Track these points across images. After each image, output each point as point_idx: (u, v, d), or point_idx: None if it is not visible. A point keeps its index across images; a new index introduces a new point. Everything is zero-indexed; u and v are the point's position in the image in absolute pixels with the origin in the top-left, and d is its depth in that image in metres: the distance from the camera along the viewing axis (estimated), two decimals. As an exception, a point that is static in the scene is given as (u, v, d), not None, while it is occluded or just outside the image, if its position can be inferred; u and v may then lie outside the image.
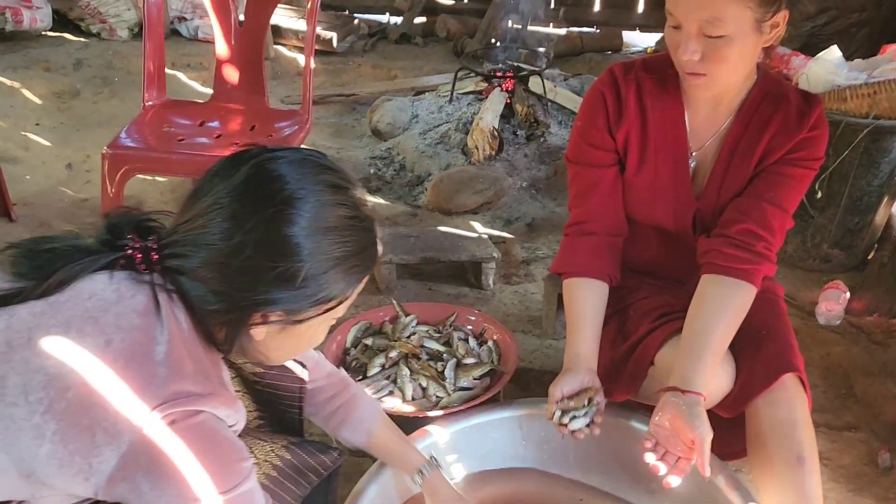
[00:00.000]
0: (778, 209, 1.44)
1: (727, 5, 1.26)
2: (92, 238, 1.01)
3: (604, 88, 1.51)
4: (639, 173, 1.52)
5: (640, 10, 4.91)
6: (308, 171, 0.98)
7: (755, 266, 1.41)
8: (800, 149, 1.43)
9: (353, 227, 1.00)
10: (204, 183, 0.99)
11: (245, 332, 0.99)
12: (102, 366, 0.89)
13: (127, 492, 0.89)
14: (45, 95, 3.94)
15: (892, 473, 1.79)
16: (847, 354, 2.21)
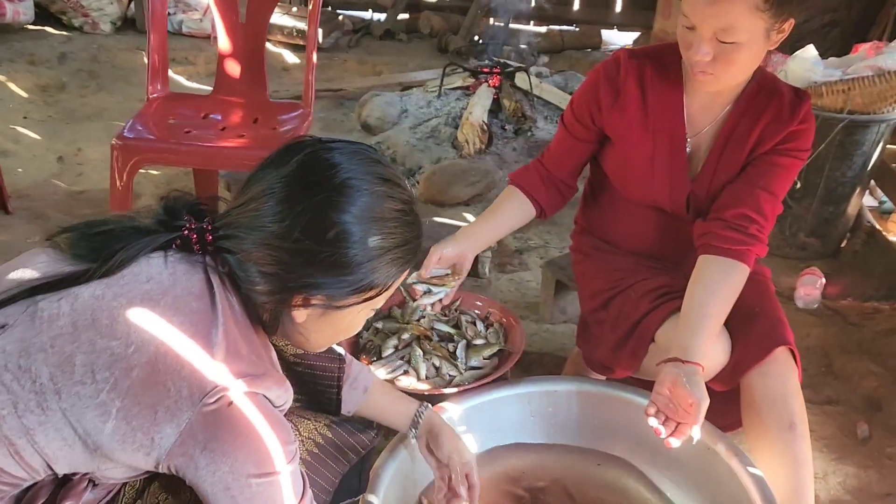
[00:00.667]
0: (769, 195, 1.54)
1: (742, 15, 1.33)
2: (148, 219, 1.05)
3: (603, 72, 1.60)
4: (638, 150, 1.61)
5: (618, 10, 5.04)
6: (360, 162, 1.01)
7: (748, 247, 1.51)
8: (790, 140, 1.54)
9: (400, 219, 1.03)
10: (258, 171, 1.03)
11: (287, 313, 1.03)
12: (163, 347, 0.92)
13: (184, 465, 0.93)
14: (31, 89, 3.94)
15: (870, 443, 1.92)
16: (825, 335, 2.34)
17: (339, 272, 0.99)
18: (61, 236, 1.02)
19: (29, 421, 0.91)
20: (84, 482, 0.99)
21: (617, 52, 1.63)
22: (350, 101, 4.07)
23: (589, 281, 1.80)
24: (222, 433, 0.92)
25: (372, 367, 1.77)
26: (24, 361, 0.91)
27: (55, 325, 0.93)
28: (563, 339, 2.30)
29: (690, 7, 1.38)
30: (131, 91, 4.06)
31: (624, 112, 1.59)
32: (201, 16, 4.72)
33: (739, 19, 1.34)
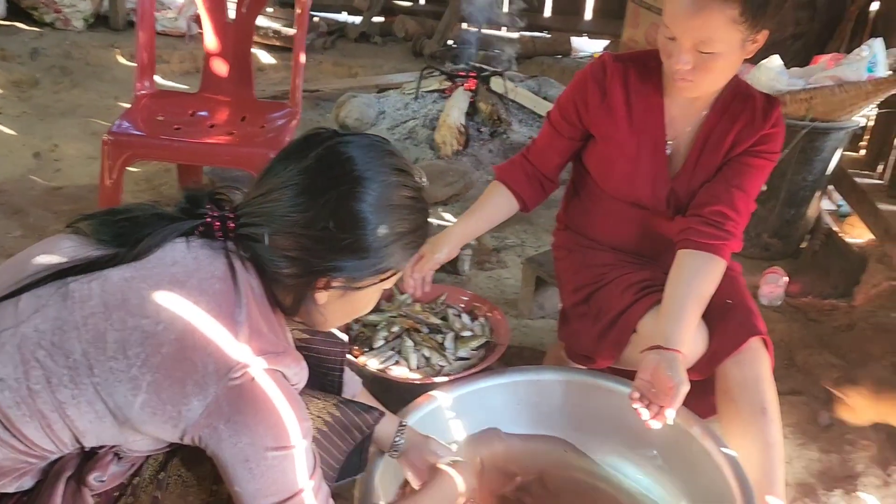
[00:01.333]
0: (743, 193, 1.64)
1: (721, 28, 1.43)
2: (172, 207, 1.10)
3: (592, 72, 1.69)
4: (622, 150, 1.70)
5: (588, 18, 5.17)
6: (375, 154, 1.08)
7: (724, 242, 1.61)
8: (762, 142, 1.64)
9: (413, 206, 1.10)
10: (276, 163, 1.09)
11: (310, 295, 1.10)
12: (191, 325, 0.97)
13: (207, 437, 0.99)
14: (4, 84, 3.90)
15: (831, 430, 2.05)
16: (788, 330, 2.47)
17: (360, 256, 1.07)
18: (83, 223, 1.07)
19: (62, 395, 0.95)
20: (109, 455, 1.04)
21: (603, 55, 1.72)
22: (326, 101, 4.11)
23: (571, 276, 1.89)
24: (245, 407, 0.98)
25: (364, 357, 1.83)
26: (58, 339, 0.96)
27: (87, 304, 0.97)
28: (541, 333, 2.38)
29: (672, 19, 1.48)
30: (105, 88, 4.05)
31: (609, 112, 1.68)
32: (176, 14, 4.72)
33: (718, 31, 1.44)
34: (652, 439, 1.69)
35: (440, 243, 1.74)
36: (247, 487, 1.00)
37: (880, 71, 2.56)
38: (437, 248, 1.73)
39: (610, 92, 1.67)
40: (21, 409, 0.95)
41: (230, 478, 1.01)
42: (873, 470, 1.89)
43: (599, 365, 1.79)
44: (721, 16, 1.42)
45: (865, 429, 2.02)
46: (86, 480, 1.02)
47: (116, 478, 1.06)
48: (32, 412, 0.96)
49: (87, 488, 1.03)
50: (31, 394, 0.95)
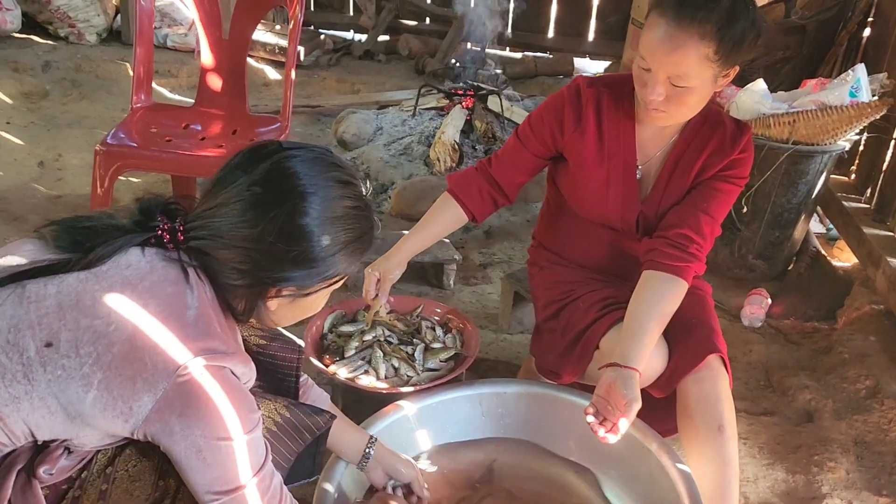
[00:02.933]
0: (709, 217, 1.68)
1: (695, 64, 1.48)
2: (126, 219, 1.15)
3: (567, 95, 1.73)
4: (593, 174, 1.74)
5: (590, 39, 5.23)
6: (318, 168, 1.13)
7: (687, 264, 1.64)
8: (731, 167, 1.68)
9: (356, 216, 1.16)
10: (225, 174, 1.14)
11: (262, 303, 1.16)
12: (141, 325, 1.03)
13: (159, 431, 1.03)
14: (15, 95, 4.02)
15: (799, 451, 2.06)
16: (766, 352, 2.49)
17: (307, 267, 1.12)
18: (48, 228, 1.12)
19: (16, 390, 1.01)
20: (60, 449, 1.08)
21: (577, 78, 1.77)
22: (328, 117, 4.19)
23: (543, 292, 1.93)
24: (195, 401, 1.03)
25: (334, 366, 1.88)
26: (13, 337, 1.01)
27: (42, 304, 1.03)
28: (518, 347, 2.42)
29: (648, 52, 1.52)
30: (112, 101, 4.16)
31: (582, 136, 1.72)
32: (186, 31, 4.83)
33: (692, 68, 1.49)
34: (612, 453, 1.71)
35: (391, 262, 1.81)
36: (201, 477, 1.05)
37: (863, 96, 2.58)
38: (389, 267, 1.80)
39: (584, 116, 1.71)
40: None
41: (183, 469, 1.06)
42: (839, 492, 1.91)
43: (565, 380, 1.82)
44: (696, 53, 1.47)
45: (834, 451, 2.03)
46: (36, 473, 1.07)
47: (65, 471, 1.11)
48: None
49: (38, 480, 1.07)
50: None
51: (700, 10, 1.45)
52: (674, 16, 1.47)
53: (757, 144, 2.64)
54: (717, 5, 1.46)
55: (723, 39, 1.47)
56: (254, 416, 1.11)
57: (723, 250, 2.92)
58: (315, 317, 2.04)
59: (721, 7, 1.46)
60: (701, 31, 1.46)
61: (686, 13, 1.46)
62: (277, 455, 1.28)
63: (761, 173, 2.68)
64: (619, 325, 1.66)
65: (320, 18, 5.41)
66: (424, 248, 1.87)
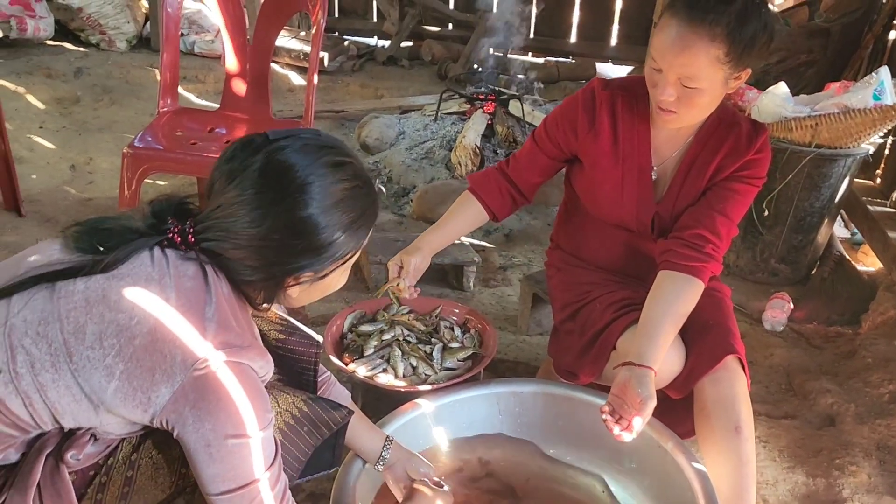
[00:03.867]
0: (726, 218, 1.68)
1: (704, 66, 1.49)
2: (140, 222, 1.18)
3: (581, 98, 1.75)
4: (608, 175, 1.75)
5: (612, 44, 5.23)
6: (311, 155, 1.13)
7: (703, 264, 1.64)
8: (746, 168, 1.68)
9: (356, 195, 1.17)
10: (222, 171, 1.14)
11: (282, 292, 1.20)
12: (163, 319, 1.07)
13: (174, 421, 1.07)
14: (48, 101, 4.12)
15: (820, 455, 2.04)
16: (788, 356, 2.47)
17: (318, 254, 1.16)
18: (72, 229, 1.17)
19: (43, 378, 1.05)
20: (86, 436, 1.12)
21: (592, 80, 1.78)
22: (351, 122, 4.24)
23: (560, 293, 1.94)
24: (208, 395, 1.06)
25: (353, 364, 1.90)
26: (42, 329, 1.05)
27: (71, 299, 1.07)
28: (537, 349, 2.43)
29: (658, 53, 1.54)
30: (141, 106, 4.24)
31: (597, 139, 1.73)
32: (213, 37, 4.92)
33: (702, 69, 1.50)
34: (628, 451, 1.72)
35: (412, 254, 1.80)
36: (207, 471, 1.08)
37: (887, 99, 2.56)
38: (410, 259, 1.79)
39: (598, 119, 1.72)
40: (8, 388, 1.05)
41: (193, 461, 1.09)
42: (860, 496, 1.89)
43: (582, 381, 1.83)
44: (706, 55, 1.48)
45: (856, 455, 2.01)
46: (63, 458, 1.11)
47: (92, 457, 1.15)
48: (17, 392, 1.05)
49: (65, 465, 1.11)
50: (16, 376, 1.05)
51: (710, 12, 1.46)
52: (685, 17, 1.49)
53: (779, 148, 2.63)
54: (728, 7, 1.47)
55: (733, 42, 1.47)
56: (266, 416, 1.13)
57: (745, 254, 2.91)
58: (335, 316, 2.08)
59: (732, 9, 1.47)
60: (711, 33, 1.47)
61: (697, 15, 1.47)
62: (295, 448, 1.31)
63: (783, 177, 2.67)
64: (636, 325, 1.67)
65: (345, 25, 5.48)
66: (445, 245, 1.88)
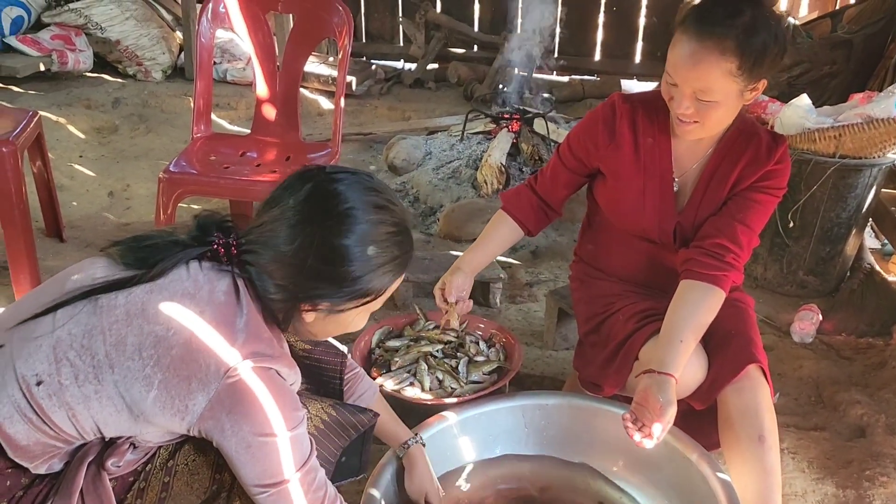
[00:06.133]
0: (746, 228, 1.70)
1: (718, 79, 1.53)
2: (184, 235, 1.25)
3: (602, 114, 1.79)
4: (630, 186, 1.78)
5: (637, 61, 5.27)
6: (359, 191, 1.19)
7: (724, 273, 1.66)
8: (767, 178, 1.70)
9: (391, 239, 1.21)
10: (275, 194, 1.23)
11: (298, 315, 1.23)
12: (197, 330, 1.13)
13: (212, 428, 1.13)
14: (87, 130, 4.27)
15: (851, 466, 2.03)
16: (817, 367, 2.46)
17: (340, 285, 1.19)
18: (113, 248, 1.24)
19: (87, 390, 1.11)
20: (126, 444, 1.19)
21: (612, 95, 1.82)
22: (379, 144, 4.32)
23: (584, 306, 1.97)
24: (243, 399, 1.12)
25: (381, 378, 1.95)
26: (86, 341, 1.12)
27: (112, 313, 1.14)
28: (563, 364, 2.45)
29: (673, 67, 1.58)
30: (176, 133, 4.38)
31: (618, 151, 1.77)
32: (244, 65, 5.06)
33: (716, 82, 1.54)
34: (655, 463, 1.73)
35: (455, 276, 1.86)
36: (250, 471, 1.14)
37: (911, 108, 2.55)
38: (454, 280, 1.85)
39: (619, 132, 1.76)
40: (52, 400, 1.11)
41: (234, 464, 1.15)
42: (891, 507, 1.87)
43: (606, 392, 1.86)
44: (718, 69, 1.52)
45: (887, 466, 2.00)
46: (105, 465, 1.17)
47: (131, 464, 1.21)
48: (61, 404, 1.11)
49: (106, 472, 1.17)
50: (61, 388, 1.11)
51: (719, 25, 1.50)
52: (695, 32, 1.53)
53: (803, 159, 2.64)
54: (736, 21, 1.50)
55: (744, 54, 1.51)
56: (298, 414, 1.18)
57: (773, 266, 2.90)
58: (363, 332, 2.13)
59: (740, 22, 1.50)
60: (721, 47, 1.50)
61: (706, 29, 1.51)
62: (324, 451, 1.36)
63: (808, 188, 2.67)
64: (658, 335, 1.69)
65: (372, 49, 5.59)
66: (485, 263, 1.95)
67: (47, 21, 4.84)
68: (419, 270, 2.70)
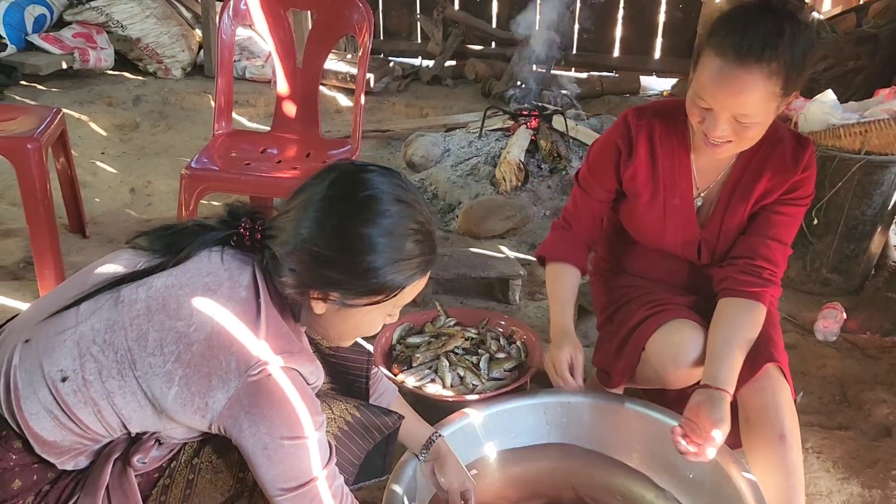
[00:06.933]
0: (779, 244, 1.66)
1: (761, 102, 1.44)
2: (213, 220, 1.25)
3: (616, 135, 1.71)
4: (650, 206, 1.74)
5: (656, 57, 5.23)
6: (387, 187, 1.16)
7: (764, 289, 1.64)
8: (794, 189, 1.64)
9: (410, 237, 1.16)
10: (303, 184, 1.21)
11: (307, 303, 1.19)
12: (218, 327, 1.12)
13: (231, 426, 1.12)
14: (109, 127, 4.31)
15: (876, 466, 2.00)
16: (841, 366, 2.43)
17: (353, 275, 1.15)
18: (139, 238, 1.24)
19: (111, 385, 1.11)
20: (152, 440, 1.19)
21: (625, 112, 1.73)
22: (397, 141, 4.32)
23: (601, 297, 1.96)
24: (262, 400, 1.11)
25: (402, 375, 1.95)
26: (109, 336, 1.12)
27: (134, 308, 1.14)
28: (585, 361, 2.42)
29: (709, 94, 1.47)
30: (196, 130, 4.40)
31: (636, 170, 1.71)
32: (263, 62, 5.08)
33: (758, 106, 1.45)
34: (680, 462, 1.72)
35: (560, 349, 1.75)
36: (267, 473, 1.13)
37: (939, 104, 2.52)
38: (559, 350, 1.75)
39: (636, 151, 1.69)
40: (77, 396, 1.12)
41: (252, 464, 1.14)
42: (919, 508, 1.85)
43: (615, 381, 1.84)
44: (764, 92, 1.43)
45: (914, 466, 1.97)
46: (130, 461, 1.18)
47: (156, 461, 1.21)
48: (86, 400, 1.12)
49: (132, 468, 1.18)
50: (85, 383, 1.12)
51: (765, 48, 1.40)
52: (735, 57, 1.42)
53: (827, 156, 2.60)
54: (781, 40, 1.41)
55: (790, 72, 1.43)
56: (318, 419, 1.17)
57: (795, 264, 2.87)
58: (384, 329, 2.13)
59: (784, 40, 1.41)
60: (768, 70, 1.41)
61: (751, 53, 1.41)
62: (349, 453, 1.35)
63: (832, 185, 2.63)
64: (667, 325, 1.68)
65: (390, 47, 5.60)
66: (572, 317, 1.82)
67: (69, 19, 4.89)
68: (439, 268, 2.70)
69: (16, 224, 3.15)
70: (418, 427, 1.59)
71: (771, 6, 1.45)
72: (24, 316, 1.22)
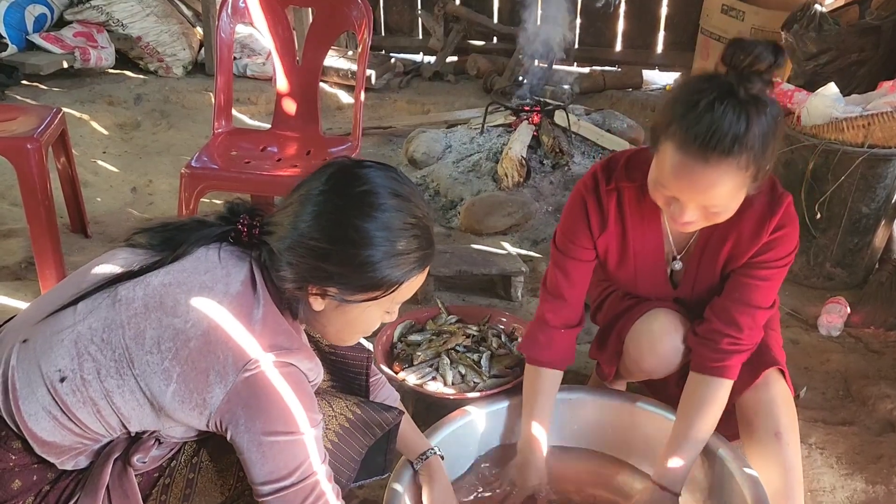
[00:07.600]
0: (745, 307, 1.58)
1: (731, 192, 1.37)
2: (212, 216, 1.25)
3: (587, 197, 1.63)
4: (620, 270, 1.71)
5: (658, 51, 5.21)
6: (382, 177, 1.17)
7: (723, 364, 1.59)
8: (765, 251, 1.55)
9: (406, 232, 1.16)
10: (302, 181, 1.22)
11: (305, 299, 1.18)
12: (214, 323, 1.12)
13: (227, 422, 1.12)
14: (110, 126, 4.30)
15: (881, 461, 1.99)
16: (845, 361, 2.42)
17: (350, 266, 1.15)
18: (137, 235, 1.25)
19: (109, 385, 1.11)
20: (151, 440, 1.19)
21: (593, 168, 1.65)
22: (399, 137, 4.31)
23: (594, 289, 1.94)
24: (259, 394, 1.11)
25: (403, 372, 1.95)
26: (107, 335, 1.12)
27: (131, 306, 1.14)
28: (586, 358, 2.38)
29: (674, 187, 1.38)
30: (197, 128, 4.39)
31: (607, 234, 1.64)
32: (264, 60, 5.07)
33: (728, 195, 1.38)
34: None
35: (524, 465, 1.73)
36: (260, 470, 1.13)
37: (943, 96, 2.50)
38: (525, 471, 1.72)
39: (606, 215, 1.63)
40: (76, 396, 1.12)
41: (246, 460, 1.13)
42: (923, 504, 1.84)
43: (605, 370, 1.85)
44: (733, 183, 1.35)
45: (918, 461, 1.96)
46: (130, 461, 1.18)
47: (156, 460, 1.21)
48: (85, 399, 1.12)
49: (132, 468, 1.18)
50: (84, 383, 1.12)
51: (735, 143, 1.30)
52: (700, 152, 1.32)
53: (830, 149, 2.59)
54: (749, 131, 1.30)
55: (759, 159, 1.35)
56: (315, 417, 1.17)
57: (798, 258, 2.84)
58: (385, 327, 2.13)
59: (751, 128, 1.30)
60: (737, 164, 1.33)
61: (718, 149, 1.30)
62: (350, 450, 1.35)
63: (835, 178, 2.62)
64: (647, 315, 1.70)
65: (391, 43, 5.58)
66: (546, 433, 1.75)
67: (69, 18, 4.88)
68: (440, 264, 2.69)
69: (17, 224, 3.15)
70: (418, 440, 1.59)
71: (732, 90, 1.31)
72: (22, 316, 1.22)
